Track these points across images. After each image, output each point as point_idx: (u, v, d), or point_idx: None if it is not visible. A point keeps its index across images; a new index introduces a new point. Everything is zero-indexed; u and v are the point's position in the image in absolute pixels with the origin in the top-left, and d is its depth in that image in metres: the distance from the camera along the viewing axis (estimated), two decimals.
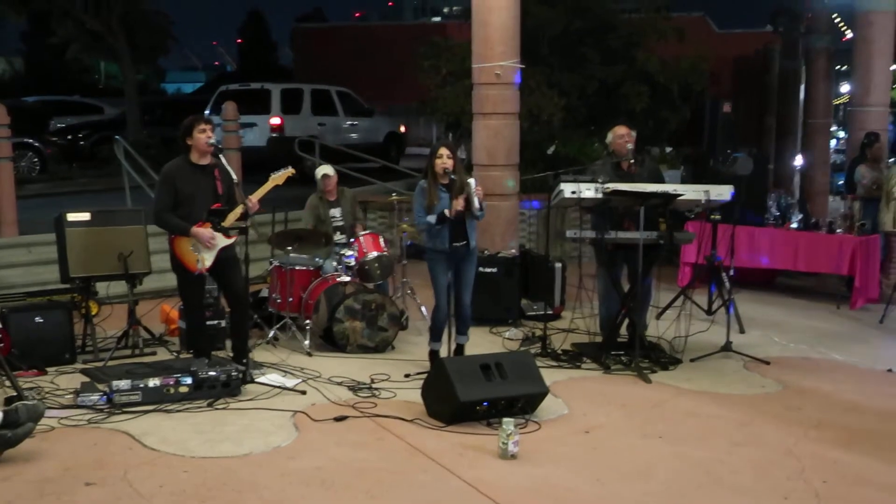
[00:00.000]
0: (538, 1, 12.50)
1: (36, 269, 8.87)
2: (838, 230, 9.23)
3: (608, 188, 6.67)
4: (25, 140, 15.30)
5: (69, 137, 18.11)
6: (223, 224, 6.22)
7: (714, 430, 5.47)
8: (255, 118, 14.95)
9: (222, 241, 6.29)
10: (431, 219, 6.39)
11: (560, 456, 5.01)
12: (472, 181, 6.43)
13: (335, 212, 8.14)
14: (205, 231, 6.18)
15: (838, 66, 20.83)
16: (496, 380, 5.54)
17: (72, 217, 7.18)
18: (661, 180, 7.30)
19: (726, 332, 7.32)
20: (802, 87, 15.68)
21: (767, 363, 7.02)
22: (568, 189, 6.75)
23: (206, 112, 15.32)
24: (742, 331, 8.03)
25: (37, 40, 32.78)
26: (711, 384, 6.46)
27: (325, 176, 8.08)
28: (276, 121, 15.23)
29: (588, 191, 6.71)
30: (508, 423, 4.94)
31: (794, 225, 9.49)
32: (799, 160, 14.80)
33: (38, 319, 6.78)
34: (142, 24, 18.86)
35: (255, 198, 6.25)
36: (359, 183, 12.43)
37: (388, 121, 18.59)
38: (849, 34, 17.33)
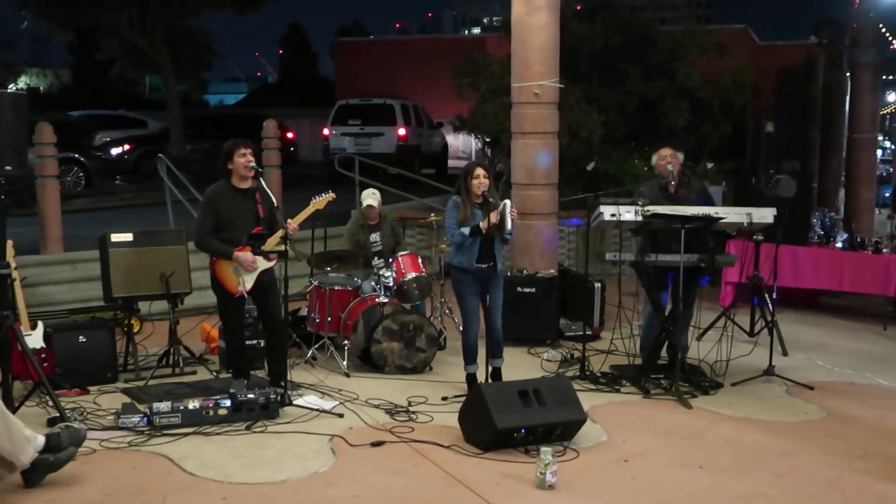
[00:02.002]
0: (577, 17, 12.48)
1: (80, 286, 9.01)
2: (885, 250, 9.06)
3: (648, 211, 6.61)
4: (71, 155, 15.56)
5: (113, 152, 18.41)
6: (263, 248, 6.27)
7: (755, 459, 5.38)
8: (382, 129, 17.60)
9: (263, 264, 6.34)
10: (465, 230, 6.39)
11: (599, 486, 4.95)
12: (507, 202, 6.42)
13: (375, 236, 8.19)
14: (246, 255, 6.23)
15: (885, 76, 20.47)
16: (534, 406, 5.49)
17: (115, 238, 7.28)
18: (709, 199, 7.22)
19: (769, 355, 7.22)
20: (847, 100, 15.43)
21: (811, 388, 6.89)
22: (607, 212, 6.70)
23: (329, 124, 18.21)
24: (785, 353, 7.91)
25: (84, 52, 33.47)
26: (753, 410, 6.36)
27: (368, 207, 8.13)
28: (402, 132, 17.73)
29: (628, 214, 6.66)
30: (546, 452, 4.90)
31: (839, 244, 9.33)
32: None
33: (81, 339, 6.87)
34: (184, 41, 19.12)
35: (294, 222, 6.30)
36: (398, 199, 12.46)
37: (442, 132, 20.50)
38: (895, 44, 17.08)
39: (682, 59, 13.56)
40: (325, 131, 18.23)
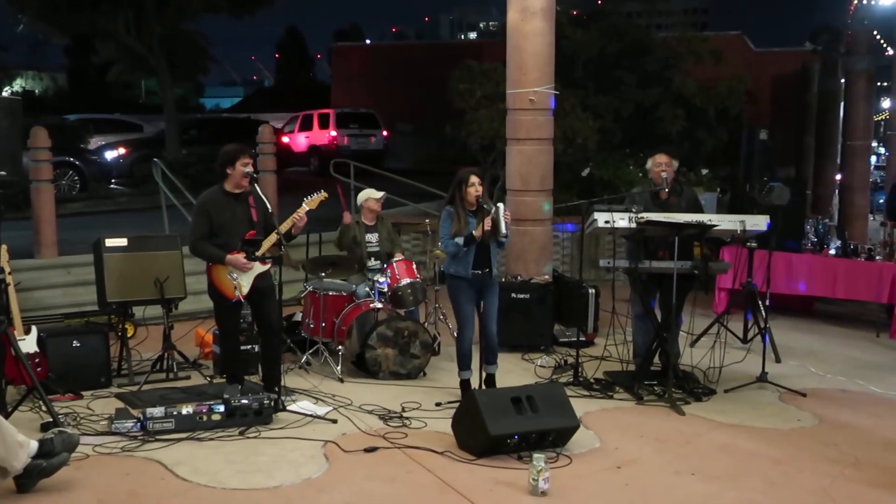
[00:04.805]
0: (574, 24, 12.51)
1: (74, 290, 9.00)
2: (878, 257, 9.09)
3: (642, 218, 6.62)
4: (66, 159, 15.52)
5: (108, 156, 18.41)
6: (257, 254, 6.27)
7: (748, 467, 5.39)
8: (374, 131, 22.24)
9: (258, 267, 6.34)
10: (459, 240, 6.39)
11: (591, 493, 4.97)
12: (500, 205, 6.42)
13: (371, 237, 8.17)
14: (239, 257, 6.23)
15: (879, 83, 20.57)
16: (527, 413, 5.51)
17: (110, 242, 7.27)
18: (699, 209, 7.24)
19: (762, 361, 7.23)
20: (842, 107, 15.50)
21: (804, 395, 6.91)
22: (602, 218, 6.72)
23: (336, 128, 21.96)
24: (778, 360, 7.93)
25: (80, 56, 33.45)
26: (746, 417, 6.37)
27: (374, 201, 8.12)
28: (385, 133, 22.56)
29: (622, 220, 6.67)
30: (539, 458, 4.91)
31: (832, 251, 9.36)
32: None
33: (75, 343, 6.87)
34: (181, 45, 19.11)
35: (287, 225, 6.30)
36: (392, 204, 12.45)
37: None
38: (890, 51, 17.13)
39: (678, 67, 13.62)
40: (333, 133, 22.08)
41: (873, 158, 18.63)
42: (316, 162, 21.94)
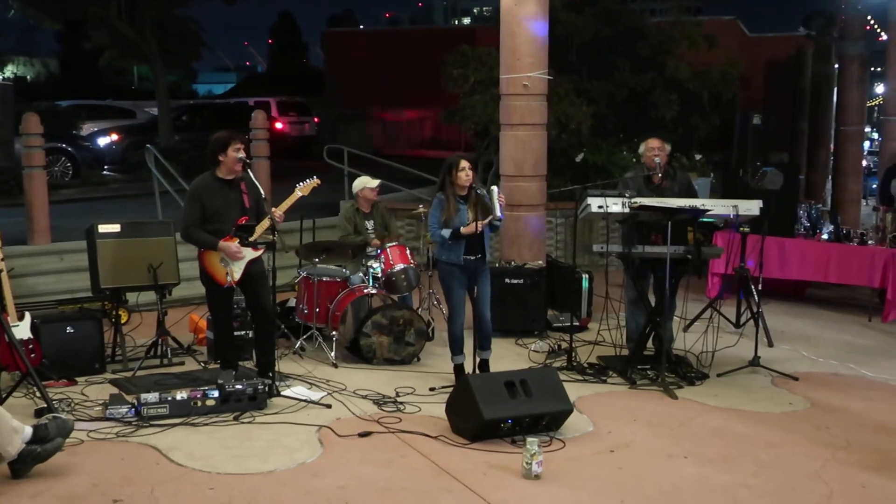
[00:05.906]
0: (567, 8, 12.47)
1: (68, 277, 9.00)
2: (870, 242, 9.12)
3: (635, 203, 6.64)
4: (58, 145, 15.43)
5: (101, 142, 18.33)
6: (250, 239, 6.27)
7: (740, 450, 5.42)
8: (307, 119, 24.13)
9: (250, 253, 6.34)
10: (446, 233, 6.40)
11: (584, 477, 4.99)
12: (495, 188, 6.43)
13: (369, 224, 8.18)
14: (231, 244, 6.23)
15: (873, 68, 20.58)
16: (521, 397, 5.53)
17: (103, 229, 7.27)
18: (693, 193, 7.25)
19: (754, 346, 7.26)
20: (835, 92, 15.51)
21: (796, 379, 6.95)
22: (595, 203, 6.73)
23: (278, 115, 22.82)
24: (770, 344, 7.96)
25: (72, 42, 33.19)
26: (738, 401, 6.40)
27: (370, 189, 8.11)
28: (316, 119, 24.62)
29: (615, 205, 6.69)
30: (533, 442, 4.94)
31: (825, 236, 9.38)
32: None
33: (69, 330, 6.87)
34: (174, 31, 19.00)
35: (280, 210, 6.30)
36: (386, 190, 12.43)
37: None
38: (884, 36, 17.14)
39: (672, 51, 13.60)
40: (279, 126, 22.89)
41: (866, 144, 18.66)
42: None
